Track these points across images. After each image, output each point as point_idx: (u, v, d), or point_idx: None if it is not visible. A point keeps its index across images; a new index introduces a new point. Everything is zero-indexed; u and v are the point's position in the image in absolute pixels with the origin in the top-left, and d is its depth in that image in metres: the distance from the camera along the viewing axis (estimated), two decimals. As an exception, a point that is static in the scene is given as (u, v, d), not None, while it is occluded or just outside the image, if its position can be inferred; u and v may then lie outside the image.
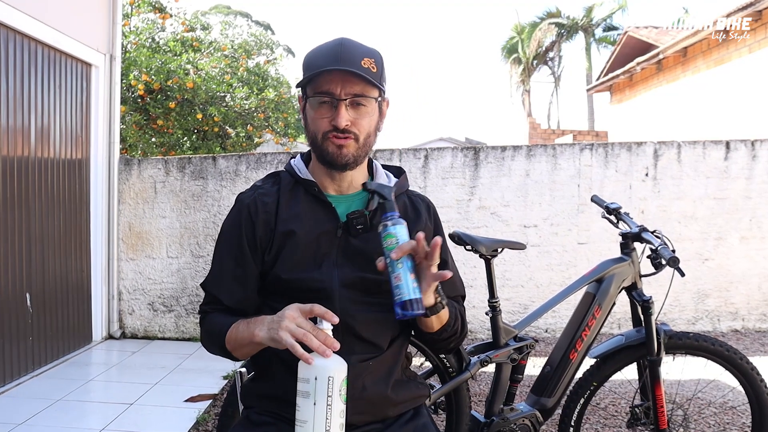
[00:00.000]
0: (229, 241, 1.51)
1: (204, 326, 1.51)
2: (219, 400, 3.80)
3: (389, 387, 1.45)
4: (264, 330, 1.28)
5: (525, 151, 5.37)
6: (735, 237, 5.43)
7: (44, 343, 4.40)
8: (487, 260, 2.53)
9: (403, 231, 1.27)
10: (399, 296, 1.25)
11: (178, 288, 5.34)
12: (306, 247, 1.43)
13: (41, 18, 4.24)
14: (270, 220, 1.46)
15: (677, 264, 2.20)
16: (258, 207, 1.48)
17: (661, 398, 2.40)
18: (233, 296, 1.48)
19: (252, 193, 1.52)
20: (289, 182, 1.53)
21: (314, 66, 1.41)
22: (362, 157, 1.46)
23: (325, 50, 1.42)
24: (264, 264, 1.46)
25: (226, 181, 5.31)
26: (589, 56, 27.93)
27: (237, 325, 1.39)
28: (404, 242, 1.25)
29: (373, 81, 1.39)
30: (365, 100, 1.41)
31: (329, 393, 1.19)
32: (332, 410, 1.19)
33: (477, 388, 3.96)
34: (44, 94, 4.39)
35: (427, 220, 1.55)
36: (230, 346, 1.41)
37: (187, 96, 7.37)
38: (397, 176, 1.59)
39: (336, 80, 1.38)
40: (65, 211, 4.69)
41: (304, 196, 1.49)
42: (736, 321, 5.47)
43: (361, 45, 1.44)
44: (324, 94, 1.40)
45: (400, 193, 1.55)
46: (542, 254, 5.37)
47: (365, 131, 1.43)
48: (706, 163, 5.40)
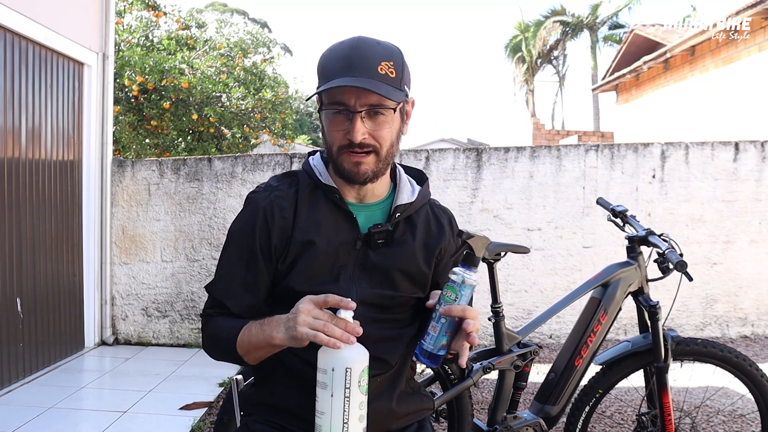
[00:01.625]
0: (240, 244, 1.44)
1: (207, 330, 1.45)
2: (215, 408, 3.79)
3: (393, 400, 1.44)
4: (282, 331, 1.23)
5: (529, 152, 5.38)
6: (744, 240, 5.43)
7: (35, 350, 4.40)
8: (490, 264, 2.53)
9: (467, 293, 1.24)
10: (426, 344, 1.25)
11: (173, 293, 5.35)
12: (324, 259, 1.39)
13: (32, 16, 4.24)
14: (287, 227, 1.40)
15: (685, 268, 2.20)
16: (275, 211, 1.41)
17: (668, 406, 2.40)
18: (241, 304, 1.42)
19: (268, 195, 1.44)
20: (307, 185, 1.45)
21: (327, 72, 1.33)
22: (383, 169, 1.39)
23: (339, 54, 1.34)
24: (276, 274, 1.41)
25: (222, 183, 5.31)
26: (594, 55, 27.95)
27: (249, 328, 1.33)
28: (457, 306, 1.23)
29: (389, 92, 1.30)
30: (383, 110, 1.32)
31: (347, 385, 1.17)
32: (351, 402, 1.18)
33: (479, 396, 3.96)
34: (35, 93, 4.39)
35: (450, 235, 1.51)
36: (242, 351, 1.35)
37: (182, 96, 7.37)
38: (420, 182, 1.54)
39: (351, 91, 1.30)
40: (57, 214, 4.69)
41: (324, 202, 1.43)
42: (746, 327, 5.47)
43: (378, 45, 1.34)
44: (338, 104, 1.32)
45: (424, 203, 1.51)
46: (546, 258, 5.38)
47: (387, 142, 1.36)
48: (714, 165, 5.40)
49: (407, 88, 1.39)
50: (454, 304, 1.23)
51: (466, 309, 1.23)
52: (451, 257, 1.51)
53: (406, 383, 1.51)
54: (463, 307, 1.23)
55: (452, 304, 1.23)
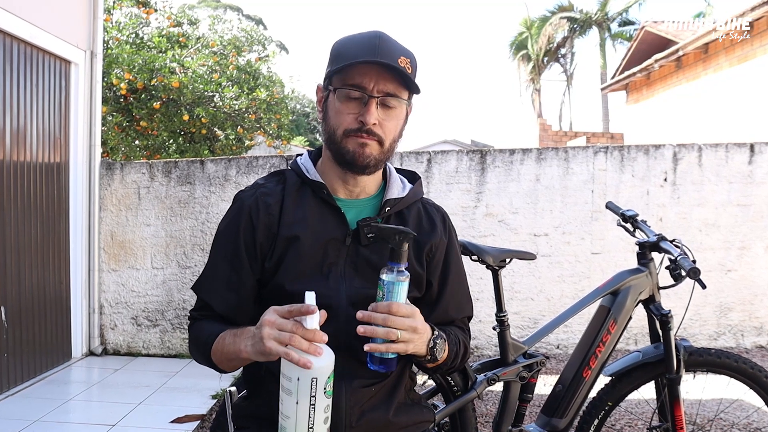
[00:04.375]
0: (225, 243, 1.48)
1: (191, 334, 1.49)
2: (207, 422, 3.80)
3: (391, 411, 1.45)
4: (249, 345, 1.26)
5: (535, 154, 5.39)
6: (760, 246, 5.43)
7: (20, 360, 4.40)
8: (495, 271, 2.54)
9: (397, 289, 1.27)
10: (374, 349, 1.27)
11: (164, 301, 5.35)
12: (311, 255, 1.41)
13: (17, 12, 4.25)
14: (272, 223, 1.44)
15: (698, 275, 2.21)
16: (260, 208, 1.45)
17: (680, 419, 2.40)
18: (225, 303, 1.45)
19: (253, 192, 1.49)
20: (295, 182, 1.49)
21: (348, 56, 1.37)
22: (382, 162, 1.44)
23: (361, 40, 1.39)
24: (264, 272, 1.44)
25: (214, 187, 5.32)
26: (603, 53, 28.00)
27: (223, 337, 1.36)
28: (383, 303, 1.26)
29: (409, 80, 1.37)
30: (396, 101, 1.38)
31: (312, 393, 1.20)
32: (316, 408, 1.21)
33: (484, 408, 3.96)
34: (20, 92, 4.40)
35: (442, 232, 1.54)
36: (216, 359, 1.39)
37: (173, 96, 7.38)
38: (412, 182, 1.57)
39: (371, 74, 1.35)
40: (42, 219, 4.70)
41: (312, 198, 1.46)
42: (762, 336, 5.47)
43: (398, 43, 1.41)
44: (355, 87, 1.36)
45: (415, 201, 1.54)
46: (553, 265, 5.38)
47: (391, 135, 1.41)
48: (728, 168, 5.41)
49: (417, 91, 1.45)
50: (380, 303, 1.25)
51: (391, 304, 1.25)
52: (442, 256, 1.54)
53: (406, 394, 1.52)
54: (389, 303, 1.25)
55: (377, 303, 1.26)
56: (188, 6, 10.27)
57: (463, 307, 1.58)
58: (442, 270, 1.54)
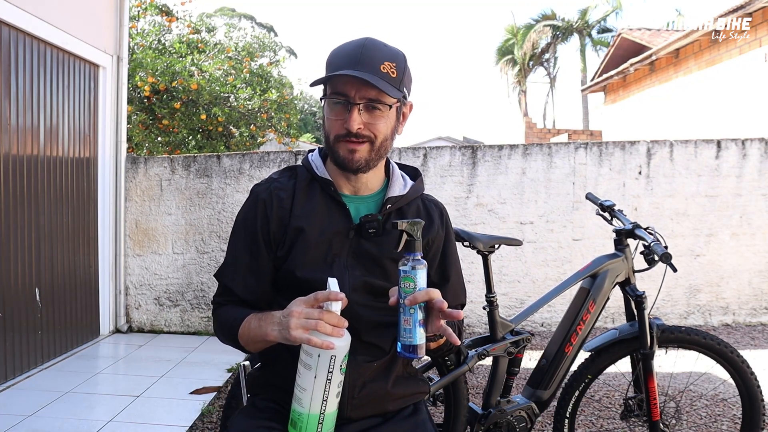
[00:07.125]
0: (243, 233, 1.47)
1: (217, 319, 1.49)
2: (223, 393, 3.80)
3: (390, 382, 1.45)
4: (276, 330, 1.26)
5: (521, 149, 5.37)
6: (726, 233, 5.42)
7: (53, 337, 4.40)
8: (484, 256, 2.52)
9: (422, 276, 1.22)
10: (404, 339, 1.23)
11: (184, 283, 5.34)
12: (317, 246, 1.41)
13: (50, 20, 4.23)
14: (284, 215, 1.44)
15: (670, 260, 2.20)
16: (273, 201, 1.44)
17: (653, 390, 2.39)
18: (247, 288, 1.45)
19: (268, 186, 1.48)
20: (305, 178, 1.49)
21: (334, 66, 1.36)
22: (375, 160, 1.41)
23: (347, 50, 1.37)
24: (277, 259, 1.44)
25: (230, 179, 5.30)
26: (583, 57, 27.86)
27: (249, 321, 1.36)
28: (420, 291, 1.20)
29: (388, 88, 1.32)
30: (380, 105, 1.35)
31: (330, 369, 1.21)
32: (332, 383, 1.22)
33: (474, 381, 3.96)
34: (53, 94, 4.38)
35: (439, 227, 1.52)
36: (243, 341, 1.39)
37: (192, 96, 7.37)
38: (413, 178, 1.56)
39: (353, 83, 1.33)
40: (73, 208, 4.68)
41: (320, 194, 1.46)
42: (727, 315, 5.47)
43: (385, 47, 1.38)
44: (339, 95, 1.35)
45: (415, 197, 1.52)
46: (538, 250, 5.37)
47: (381, 135, 1.38)
48: (697, 162, 5.39)
49: (406, 90, 1.41)
50: (417, 292, 1.21)
51: (430, 291, 1.22)
52: (439, 249, 1.53)
53: (403, 368, 1.52)
54: (427, 291, 1.22)
55: (415, 293, 1.21)
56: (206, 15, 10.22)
57: (459, 295, 1.57)
58: (440, 262, 1.53)
